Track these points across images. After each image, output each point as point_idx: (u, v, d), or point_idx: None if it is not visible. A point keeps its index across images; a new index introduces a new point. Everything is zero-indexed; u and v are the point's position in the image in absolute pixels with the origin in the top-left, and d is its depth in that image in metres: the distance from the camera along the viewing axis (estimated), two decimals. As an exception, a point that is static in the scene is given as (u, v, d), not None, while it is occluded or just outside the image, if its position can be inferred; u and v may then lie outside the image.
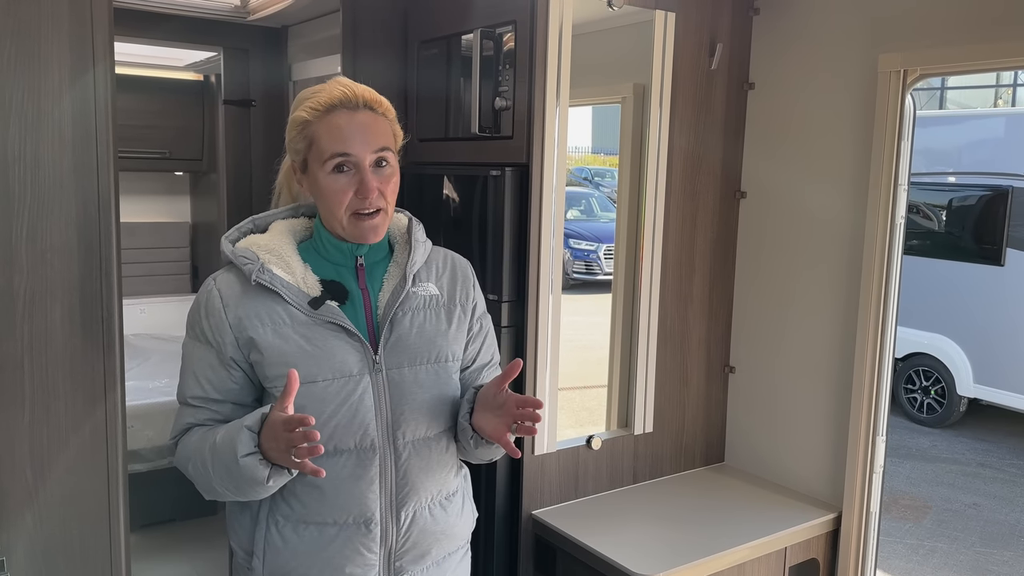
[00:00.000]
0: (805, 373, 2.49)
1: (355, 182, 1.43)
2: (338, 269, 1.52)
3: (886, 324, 2.28)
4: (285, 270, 1.47)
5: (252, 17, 3.45)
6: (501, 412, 1.43)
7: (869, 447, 2.32)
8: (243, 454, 1.32)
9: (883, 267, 2.25)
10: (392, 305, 1.50)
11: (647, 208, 2.38)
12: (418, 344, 1.51)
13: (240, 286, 1.47)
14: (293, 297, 1.45)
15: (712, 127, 2.52)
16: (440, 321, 1.55)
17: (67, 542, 1.64)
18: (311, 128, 1.45)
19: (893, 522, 5.27)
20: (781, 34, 2.49)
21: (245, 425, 1.34)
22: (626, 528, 2.27)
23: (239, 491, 1.39)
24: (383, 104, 1.50)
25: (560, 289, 2.22)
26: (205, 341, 1.48)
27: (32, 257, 1.55)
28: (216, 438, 1.40)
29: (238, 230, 1.56)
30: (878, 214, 2.24)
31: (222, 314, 1.45)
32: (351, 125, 1.43)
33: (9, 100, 1.51)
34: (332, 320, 1.45)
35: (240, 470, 1.33)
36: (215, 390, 1.48)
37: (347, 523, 1.47)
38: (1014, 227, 6.53)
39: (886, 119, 2.20)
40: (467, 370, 1.63)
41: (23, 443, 1.57)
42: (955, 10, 2.09)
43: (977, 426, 7.09)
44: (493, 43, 2.22)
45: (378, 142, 1.45)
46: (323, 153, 1.44)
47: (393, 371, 1.49)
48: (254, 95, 3.75)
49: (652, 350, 2.47)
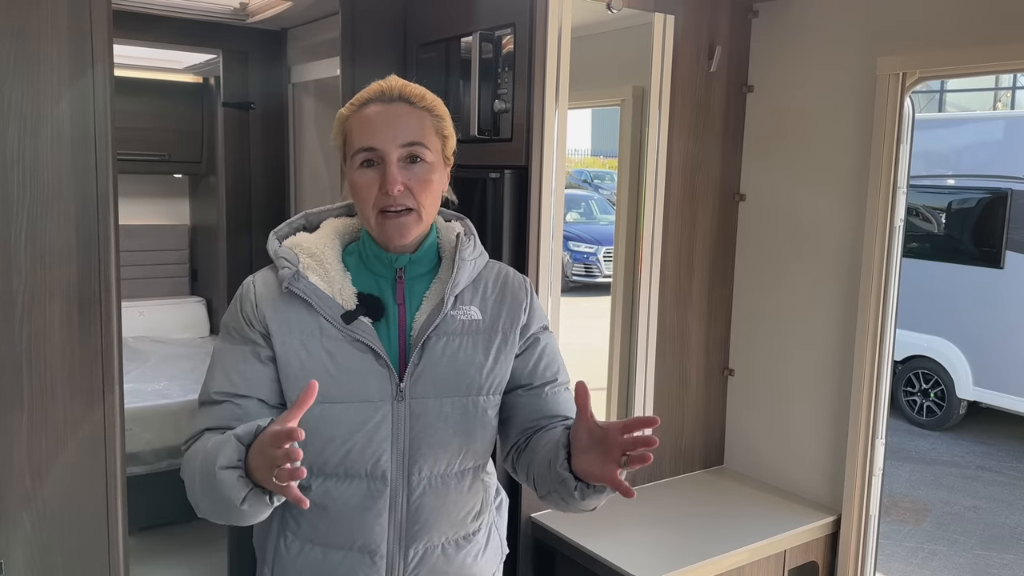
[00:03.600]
0: (804, 375, 2.49)
1: (380, 176, 1.34)
2: (378, 280, 1.42)
3: (885, 327, 2.28)
4: (323, 278, 1.38)
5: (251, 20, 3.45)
6: (605, 448, 1.23)
7: (868, 450, 2.32)
8: (222, 465, 1.18)
9: (882, 270, 2.25)
10: (427, 328, 1.38)
11: (646, 211, 2.37)
12: (447, 375, 1.39)
13: (277, 288, 1.38)
14: (326, 309, 1.36)
15: (711, 130, 2.52)
16: (476, 351, 1.41)
17: (65, 544, 1.63)
18: (347, 123, 1.39)
19: (893, 525, 5.26)
20: (780, 37, 2.49)
21: (235, 434, 1.21)
22: (625, 531, 2.27)
23: (216, 510, 1.25)
24: (426, 99, 1.39)
25: (559, 291, 2.22)
26: (237, 336, 1.39)
27: (31, 259, 1.55)
28: (209, 443, 1.28)
29: (289, 225, 1.48)
30: (877, 217, 2.24)
31: (254, 309, 1.38)
32: (381, 117, 1.35)
33: (8, 102, 1.51)
34: (361, 339, 1.35)
35: (216, 483, 1.18)
36: (244, 382, 1.36)
37: (352, 550, 1.39)
38: (1013, 230, 6.53)
39: (885, 122, 2.21)
40: (525, 388, 1.47)
41: (21, 445, 1.57)
42: (954, 13, 2.09)
43: (977, 429, 7.08)
44: (492, 46, 2.22)
45: (408, 136, 1.35)
46: (351, 147, 1.36)
47: (417, 401, 1.37)
48: (253, 98, 3.75)
49: (651, 352, 2.46)
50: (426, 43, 2.55)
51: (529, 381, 1.47)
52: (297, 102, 3.70)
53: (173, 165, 4.46)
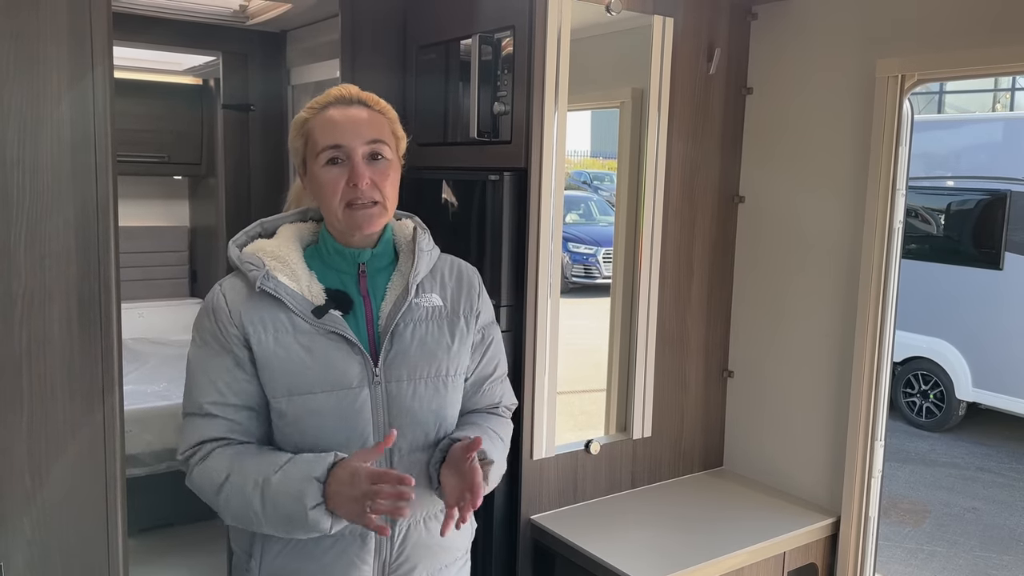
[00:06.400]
0: (803, 377, 2.50)
1: (347, 172, 1.44)
2: (341, 276, 1.51)
3: (884, 328, 2.28)
4: (290, 277, 1.46)
5: (251, 22, 3.45)
6: (462, 479, 1.42)
7: (868, 451, 2.32)
8: (312, 505, 1.33)
9: (881, 271, 2.26)
10: (394, 316, 1.49)
11: (646, 212, 2.38)
12: (418, 357, 1.50)
13: (246, 291, 1.46)
14: (297, 305, 1.44)
15: (710, 132, 2.52)
16: (442, 334, 1.53)
17: (65, 546, 1.63)
18: (308, 125, 1.48)
19: (892, 526, 5.26)
20: (779, 39, 2.49)
21: (314, 476, 1.34)
22: (625, 533, 2.27)
23: (290, 533, 1.39)
24: (380, 103, 1.51)
25: (559, 293, 2.22)
26: (217, 346, 1.45)
27: (30, 261, 1.55)
28: (271, 478, 1.37)
29: (246, 234, 1.55)
30: (876, 219, 2.24)
31: (229, 317, 1.44)
32: (344, 118, 1.46)
33: (8, 104, 1.51)
34: (334, 330, 1.44)
35: (306, 521, 1.34)
36: (233, 393, 1.45)
37: (343, 534, 1.45)
38: (1012, 231, 6.54)
39: (884, 124, 2.21)
40: (466, 382, 1.60)
41: (21, 447, 1.57)
42: (953, 15, 2.09)
43: (976, 430, 7.08)
44: (492, 48, 2.22)
45: (371, 134, 1.46)
46: (317, 146, 1.45)
47: (392, 384, 1.48)
48: (253, 99, 3.76)
49: (651, 354, 2.47)
50: (426, 45, 2.55)
51: (469, 374, 1.61)
52: (297, 104, 3.71)
53: (173, 167, 4.46)
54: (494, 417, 1.65)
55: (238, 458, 1.42)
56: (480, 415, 1.64)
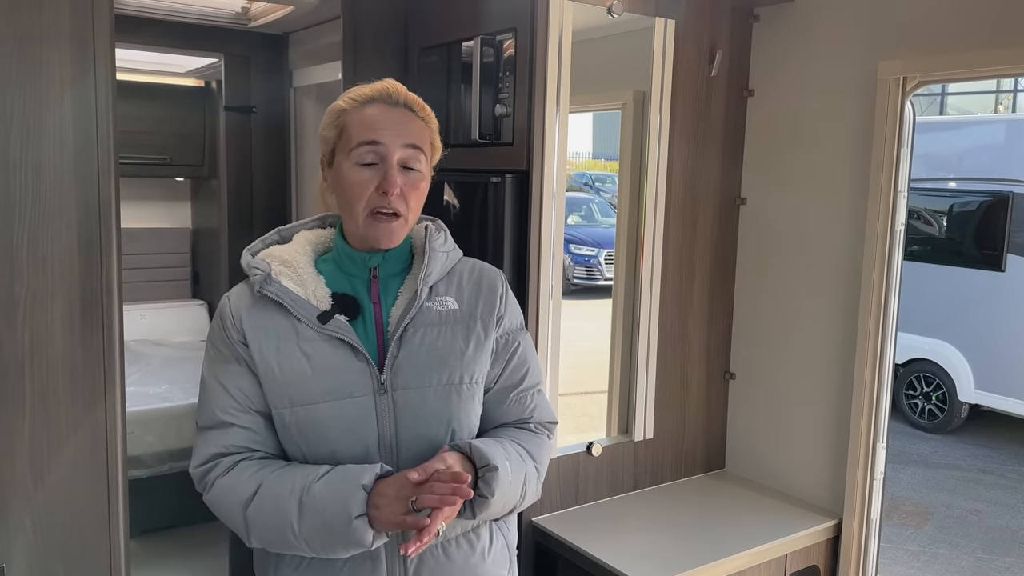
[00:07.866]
0: (805, 379, 2.49)
1: (378, 177, 1.36)
2: (352, 281, 1.44)
3: (886, 330, 2.28)
4: (295, 282, 1.40)
5: (253, 24, 3.46)
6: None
7: (870, 453, 2.32)
8: (356, 515, 1.25)
9: (883, 273, 2.26)
10: (403, 321, 1.40)
11: (647, 214, 2.38)
12: (427, 363, 1.40)
13: (251, 298, 1.40)
14: (301, 311, 1.38)
15: (712, 134, 2.52)
16: (455, 339, 1.43)
17: (66, 547, 1.63)
18: (345, 117, 1.42)
19: (894, 528, 5.26)
20: (781, 41, 2.49)
21: (362, 484, 1.27)
22: (627, 535, 2.26)
23: (326, 546, 1.30)
24: (425, 110, 1.45)
25: (560, 294, 2.22)
26: (228, 352, 1.40)
27: (33, 262, 1.56)
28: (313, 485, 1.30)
29: (262, 241, 1.49)
30: (878, 220, 2.24)
31: (233, 323, 1.39)
32: (385, 117, 1.39)
33: (11, 106, 1.51)
34: (339, 336, 1.37)
35: (348, 530, 1.26)
36: (247, 397, 1.38)
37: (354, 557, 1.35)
38: (1015, 232, 6.53)
39: (886, 126, 2.21)
40: (488, 392, 1.48)
41: (23, 448, 1.57)
42: (954, 17, 2.09)
43: (978, 432, 7.07)
44: (493, 50, 2.22)
45: (410, 138, 1.39)
46: (351, 141, 1.38)
47: (399, 392, 1.38)
48: (255, 101, 3.76)
49: (652, 356, 2.46)
50: (427, 47, 2.55)
51: (492, 383, 1.49)
52: (299, 106, 3.71)
53: (175, 169, 4.48)
54: (522, 431, 1.51)
55: (268, 469, 1.35)
56: (507, 429, 1.50)
